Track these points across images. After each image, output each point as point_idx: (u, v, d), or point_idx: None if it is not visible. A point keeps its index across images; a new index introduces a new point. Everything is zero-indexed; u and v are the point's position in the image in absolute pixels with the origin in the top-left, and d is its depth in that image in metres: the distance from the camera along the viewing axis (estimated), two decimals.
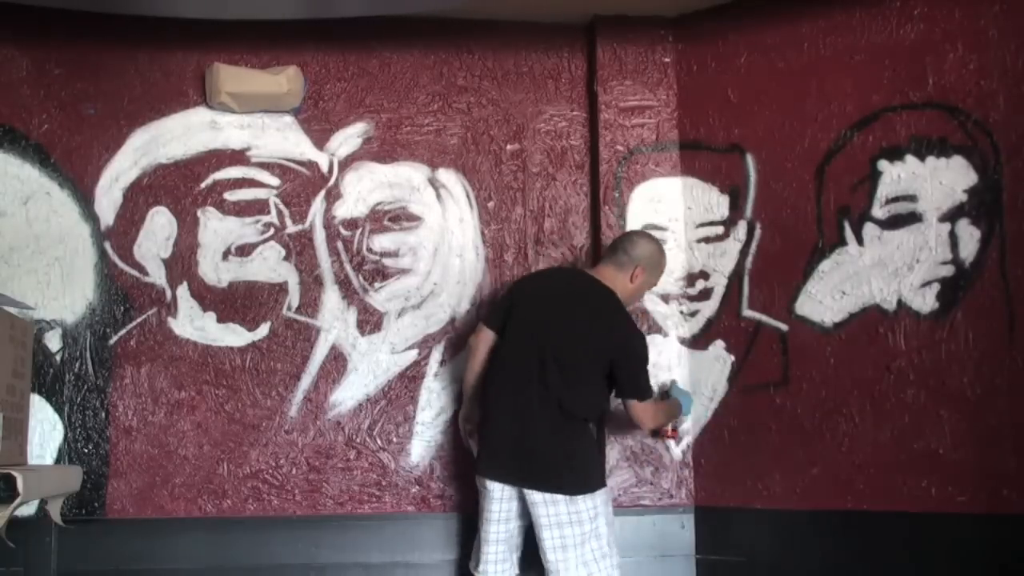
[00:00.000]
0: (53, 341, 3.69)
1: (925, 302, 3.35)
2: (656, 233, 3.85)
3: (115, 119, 3.81)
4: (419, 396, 3.86)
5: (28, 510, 3.49)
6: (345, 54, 3.96)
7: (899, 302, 3.40)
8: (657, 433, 3.69)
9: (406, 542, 3.77)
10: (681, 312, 3.90)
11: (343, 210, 3.90)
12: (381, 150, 3.95)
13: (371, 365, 3.84)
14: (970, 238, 3.27)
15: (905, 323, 3.38)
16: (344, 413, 3.81)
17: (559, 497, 3.19)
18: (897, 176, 3.44)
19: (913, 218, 3.40)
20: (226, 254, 3.81)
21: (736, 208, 3.80)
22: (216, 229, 3.80)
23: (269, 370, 3.79)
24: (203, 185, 3.81)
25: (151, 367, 3.72)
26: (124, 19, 3.67)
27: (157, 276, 3.78)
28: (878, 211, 3.47)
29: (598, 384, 3.35)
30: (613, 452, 3.78)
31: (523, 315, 3.37)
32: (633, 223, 3.89)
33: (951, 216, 3.32)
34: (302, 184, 3.89)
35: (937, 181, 3.35)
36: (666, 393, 3.74)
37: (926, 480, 3.28)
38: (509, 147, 4.02)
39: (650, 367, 3.42)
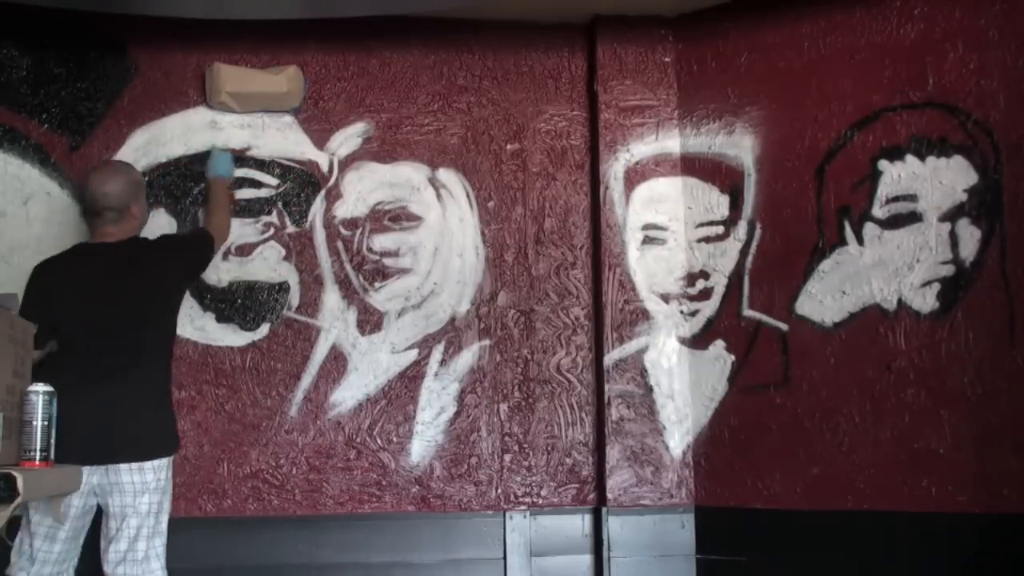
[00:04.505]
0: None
1: (925, 302, 3.35)
2: (656, 233, 3.85)
3: (115, 119, 3.81)
4: (419, 396, 3.86)
5: None
6: (345, 54, 3.95)
7: (899, 302, 3.40)
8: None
9: (406, 542, 3.76)
10: (681, 312, 3.90)
11: (343, 210, 3.90)
12: (381, 150, 3.94)
13: (371, 365, 3.84)
14: (970, 238, 3.27)
15: (905, 323, 3.37)
16: (344, 413, 3.81)
17: None
18: (897, 176, 3.43)
19: (913, 218, 3.40)
20: (226, 254, 3.81)
21: (736, 208, 3.80)
22: None
23: (269, 370, 3.79)
24: (203, 185, 3.80)
25: None
26: (124, 19, 3.66)
27: None
28: (878, 211, 3.47)
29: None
30: (613, 452, 3.78)
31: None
32: (633, 223, 3.89)
33: (951, 216, 3.32)
34: (302, 184, 3.89)
35: (937, 181, 3.35)
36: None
37: (926, 480, 3.28)
38: (509, 147, 4.02)
39: None
